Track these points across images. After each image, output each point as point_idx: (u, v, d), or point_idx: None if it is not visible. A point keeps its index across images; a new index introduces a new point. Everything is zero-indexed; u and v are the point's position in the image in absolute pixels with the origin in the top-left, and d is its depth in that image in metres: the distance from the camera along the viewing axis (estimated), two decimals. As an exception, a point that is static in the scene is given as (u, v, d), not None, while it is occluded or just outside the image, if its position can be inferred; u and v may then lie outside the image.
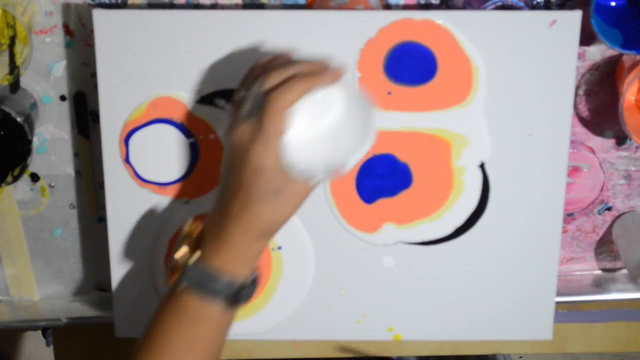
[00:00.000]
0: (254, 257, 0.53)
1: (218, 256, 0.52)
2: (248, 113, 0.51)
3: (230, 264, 0.52)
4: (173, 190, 0.65)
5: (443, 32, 0.61)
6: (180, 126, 0.64)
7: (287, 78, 0.51)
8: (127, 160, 0.64)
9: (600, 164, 0.70)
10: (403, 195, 0.64)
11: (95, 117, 0.70)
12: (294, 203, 0.53)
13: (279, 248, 0.66)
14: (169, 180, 0.65)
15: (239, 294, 0.53)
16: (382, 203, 0.65)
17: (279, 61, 0.53)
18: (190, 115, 0.63)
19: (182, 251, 0.54)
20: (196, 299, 0.52)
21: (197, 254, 0.53)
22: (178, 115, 0.63)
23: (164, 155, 0.64)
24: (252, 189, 0.51)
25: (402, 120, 0.63)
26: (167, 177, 0.65)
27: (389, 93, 0.62)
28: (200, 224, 0.55)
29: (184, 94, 0.63)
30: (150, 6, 0.67)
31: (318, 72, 0.51)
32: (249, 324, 0.68)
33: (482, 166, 0.64)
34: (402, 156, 0.64)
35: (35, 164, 0.71)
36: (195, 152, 0.64)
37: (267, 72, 0.51)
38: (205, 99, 0.63)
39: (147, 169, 0.64)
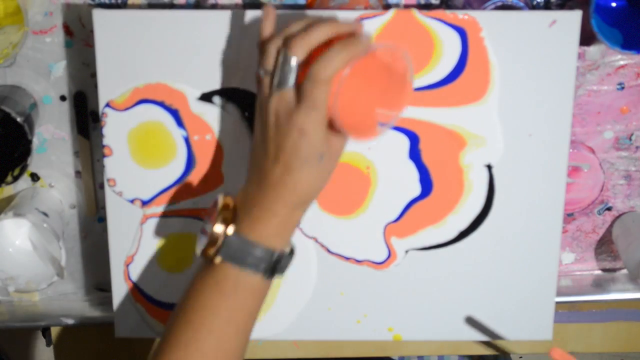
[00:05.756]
0: (293, 226, 0.55)
1: (257, 227, 0.53)
2: (279, 84, 0.51)
3: (270, 234, 0.53)
4: (165, 199, 0.65)
5: (474, 25, 0.60)
6: (174, 112, 0.63)
7: (319, 45, 0.51)
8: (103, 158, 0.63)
9: (600, 164, 0.70)
10: (414, 208, 0.65)
11: (95, 117, 0.70)
12: (332, 167, 0.54)
13: None
14: (157, 190, 0.64)
15: (278, 264, 0.54)
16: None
17: (298, 27, 0.53)
18: (186, 107, 0.63)
19: (219, 223, 0.53)
20: (235, 270, 0.53)
21: (233, 226, 0.53)
22: (172, 102, 0.63)
23: (153, 153, 0.64)
24: (295, 156, 0.52)
25: (418, 113, 0.63)
26: (155, 186, 0.64)
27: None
28: (232, 198, 0.55)
29: (183, 86, 0.62)
30: (150, 6, 0.67)
31: (347, 39, 0.51)
32: (253, 330, 0.67)
33: (489, 169, 0.63)
34: (423, 143, 0.63)
35: (35, 164, 0.71)
36: (189, 153, 0.64)
37: (290, 42, 0.51)
38: (204, 97, 0.63)
39: (129, 184, 0.64)
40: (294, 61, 0.51)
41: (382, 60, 0.54)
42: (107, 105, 0.62)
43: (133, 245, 0.65)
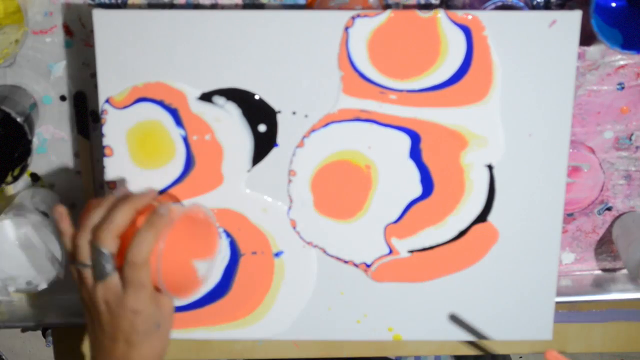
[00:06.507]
0: None
1: None
2: (100, 275, 0.55)
3: None
4: (163, 200, 0.64)
5: (477, 24, 0.60)
6: (173, 112, 0.63)
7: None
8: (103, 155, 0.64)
9: (600, 164, 0.70)
10: (415, 208, 0.65)
11: (95, 117, 0.70)
12: (170, 327, 0.59)
13: (277, 254, 0.66)
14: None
15: None
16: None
17: (99, 215, 0.57)
18: (186, 107, 0.63)
19: None
20: None
21: None
22: (171, 101, 0.62)
23: (151, 152, 0.63)
24: (135, 333, 0.56)
25: (420, 113, 0.63)
26: (154, 187, 0.64)
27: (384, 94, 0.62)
28: None
29: (182, 86, 0.62)
30: (150, 6, 0.67)
31: (151, 217, 0.56)
32: (254, 330, 0.67)
33: (490, 169, 0.63)
34: (424, 142, 0.63)
35: (35, 164, 0.71)
36: (188, 153, 0.64)
37: (98, 234, 0.55)
38: (204, 97, 0.63)
39: (128, 185, 0.64)
40: (107, 252, 0.55)
41: (188, 217, 0.59)
42: (107, 101, 0.62)
43: None
